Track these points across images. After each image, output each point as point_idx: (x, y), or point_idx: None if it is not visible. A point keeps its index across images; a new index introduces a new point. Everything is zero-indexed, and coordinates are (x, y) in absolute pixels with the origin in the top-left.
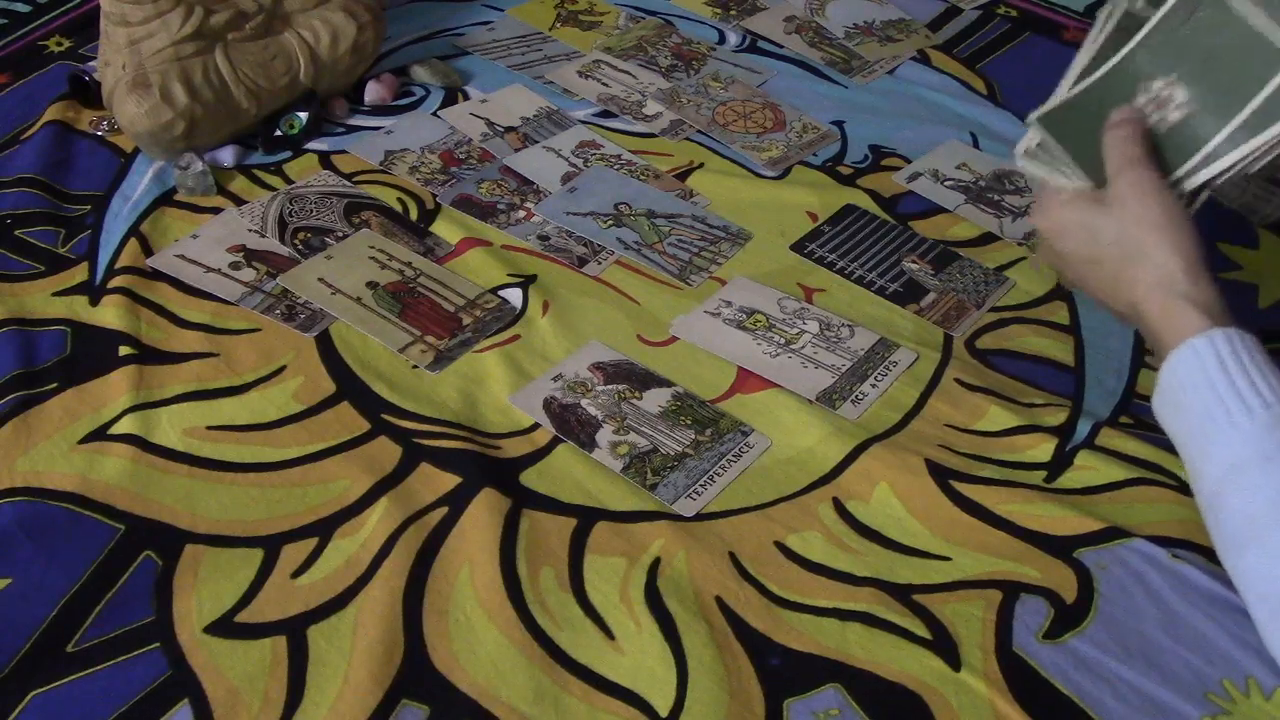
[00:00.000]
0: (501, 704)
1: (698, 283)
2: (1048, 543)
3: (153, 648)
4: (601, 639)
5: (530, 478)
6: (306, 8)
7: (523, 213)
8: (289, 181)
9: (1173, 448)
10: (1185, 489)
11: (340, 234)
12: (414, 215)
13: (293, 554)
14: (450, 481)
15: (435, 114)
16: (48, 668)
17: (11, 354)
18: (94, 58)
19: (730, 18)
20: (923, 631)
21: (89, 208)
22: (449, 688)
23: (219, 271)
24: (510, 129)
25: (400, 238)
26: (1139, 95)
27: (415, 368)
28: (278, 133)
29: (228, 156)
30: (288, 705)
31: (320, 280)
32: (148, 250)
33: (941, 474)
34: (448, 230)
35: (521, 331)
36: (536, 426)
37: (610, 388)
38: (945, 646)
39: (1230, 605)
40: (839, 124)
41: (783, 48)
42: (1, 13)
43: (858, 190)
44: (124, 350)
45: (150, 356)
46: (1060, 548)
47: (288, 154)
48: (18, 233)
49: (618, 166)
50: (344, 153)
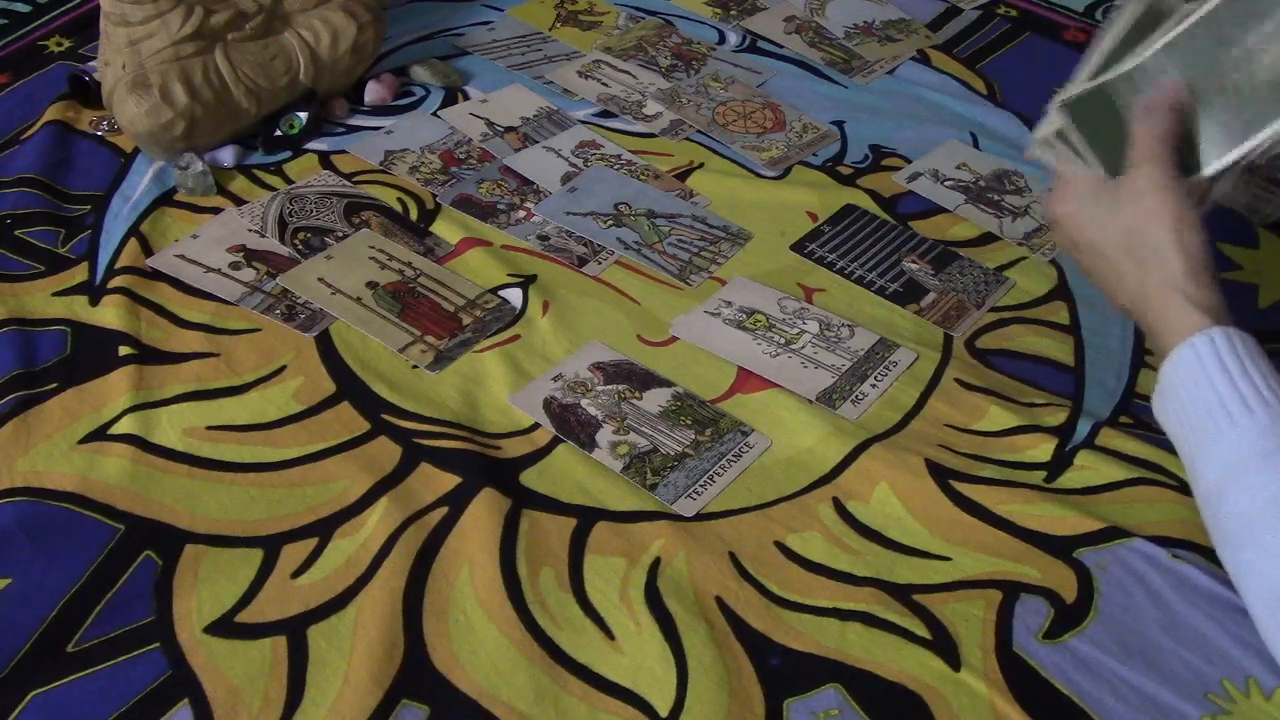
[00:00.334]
0: (501, 704)
1: (698, 283)
2: (1048, 543)
3: (153, 648)
4: (601, 639)
5: (530, 478)
6: (306, 8)
7: (523, 213)
8: (289, 181)
9: (1173, 448)
10: (1185, 489)
11: (340, 234)
12: (414, 215)
13: (293, 554)
14: (450, 481)
15: (435, 114)
16: (48, 668)
17: (11, 354)
18: (94, 58)
19: (730, 18)
20: (923, 631)
21: (89, 208)
22: (449, 688)
23: (219, 271)
24: (510, 129)
25: (400, 238)
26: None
27: (415, 368)
28: (278, 133)
29: (228, 156)
30: (288, 705)
31: (320, 280)
32: (148, 250)
33: (941, 474)
34: (448, 230)
35: (521, 331)
36: (536, 426)
37: (610, 388)
38: (945, 646)
39: (1230, 605)
40: (839, 124)
41: (783, 48)
42: (1, 13)
43: (858, 190)
44: (124, 350)
45: (150, 356)
46: (1060, 548)
47: (288, 154)
48: (18, 233)
49: (618, 166)
50: (344, 153)
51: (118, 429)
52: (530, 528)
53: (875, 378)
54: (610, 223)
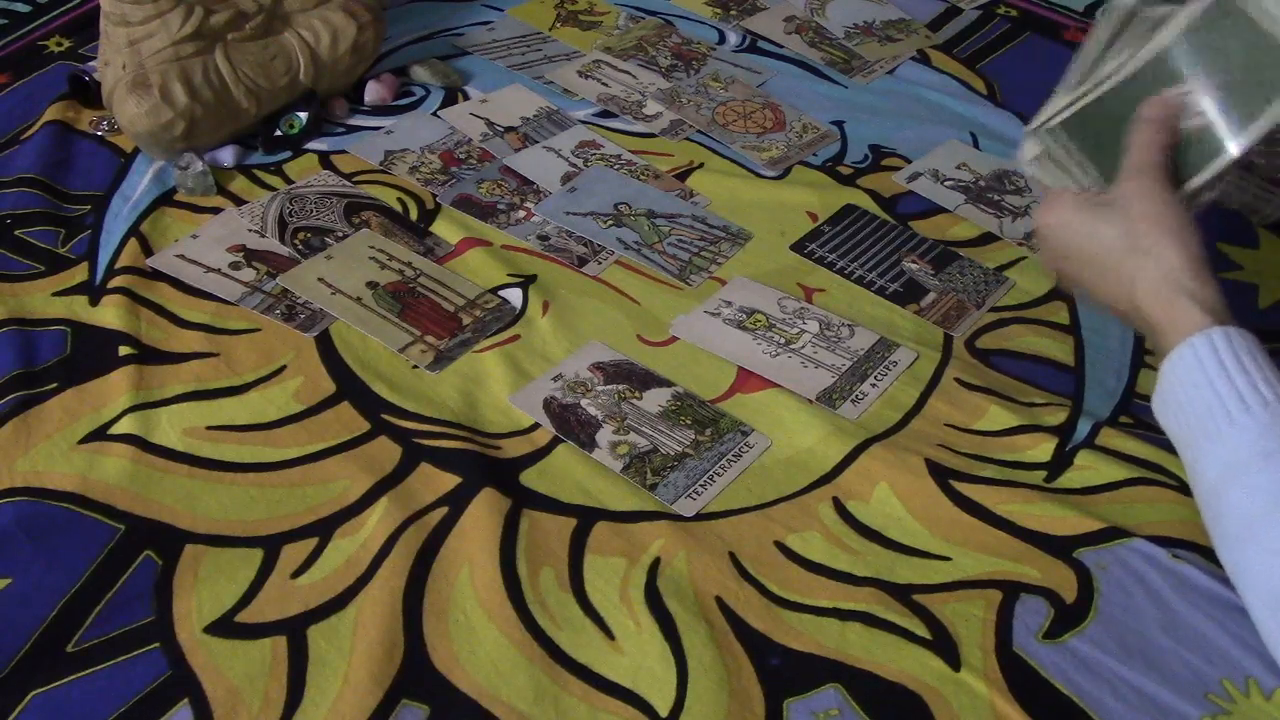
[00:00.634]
0: (501, 704)
1: (698, 283)
2: (1048, 543)
3: (153, 648)
4: (601, 639)
5: (530, 478)
6: (306, 8)
7: (523, 213)
8: (289, 181)
9: (1173, 448)
10: (1185, 489)
11: (340, 234)
12: (414, 215)
13: (293, 554)
14: (450, 481)
15: (435, 114)
16: (47, 668)
17: (11, 354)
18: (94, 58)
19: (730, 18)
20: (923, 631)
21: (89, 208)
22: (449, 688)
23: (219, 271)
24: (510, 129)
25: (400, 238)
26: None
27: (415, 368)
28: (278, 133)
29: (228, 156)
30: (288, 705)
31: (320, 280)
32: (148, 250)
33: (941, 474)
34: (448, 230)
35: (521, 331)
36: (536, 426)
37: (610, 388)
38: (945, 646)
39: (1230, 605)
40: (839, 124)
41: (783, 48)
42: (1, 13)
43: (858, 190)
44: (124, 350)
45: (150, 356)
46: (1060, 548)
47: (288, 154)
48: (18, 233)
49: (618, 166)
50: (344, 153)
51: (118, 429)
52: (530, 528)
53: (875, 377)
54: (610, 223)
